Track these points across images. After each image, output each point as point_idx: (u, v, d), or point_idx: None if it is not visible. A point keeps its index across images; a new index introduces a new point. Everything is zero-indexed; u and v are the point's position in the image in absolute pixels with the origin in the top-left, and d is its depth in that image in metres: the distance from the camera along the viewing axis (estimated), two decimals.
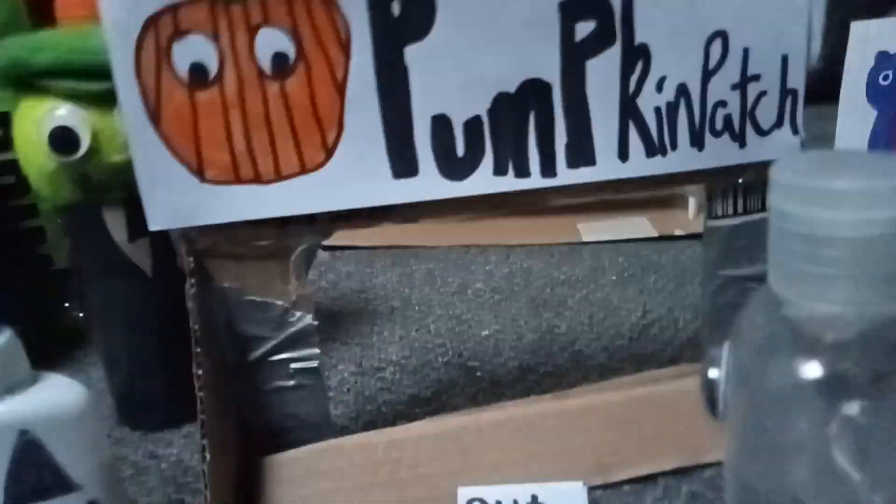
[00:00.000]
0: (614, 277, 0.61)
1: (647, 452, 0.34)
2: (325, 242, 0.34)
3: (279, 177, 0.31)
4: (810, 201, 0.16)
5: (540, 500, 0.31)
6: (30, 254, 0.49)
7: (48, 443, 0.23)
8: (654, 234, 0.70)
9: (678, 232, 0.69)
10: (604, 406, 0.35)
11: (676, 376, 0.37)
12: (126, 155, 0.30)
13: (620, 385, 0.36)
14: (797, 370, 0.16)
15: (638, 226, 0.72)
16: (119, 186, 0.37)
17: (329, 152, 0.31)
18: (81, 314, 0.43)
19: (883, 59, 0.42)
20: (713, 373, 0.18)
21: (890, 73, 0.43)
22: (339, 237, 0.44)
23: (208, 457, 0.31)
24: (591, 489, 0.34)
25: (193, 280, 0.31)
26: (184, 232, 0.31)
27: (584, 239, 0.71)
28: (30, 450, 0.23)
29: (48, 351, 0.27)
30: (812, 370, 0.16)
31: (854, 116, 0.42)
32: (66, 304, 0.49)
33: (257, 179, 0.31)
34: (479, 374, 0.47)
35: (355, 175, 0.31)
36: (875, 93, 0.42)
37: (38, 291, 0.49)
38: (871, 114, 0.42)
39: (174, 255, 0.33)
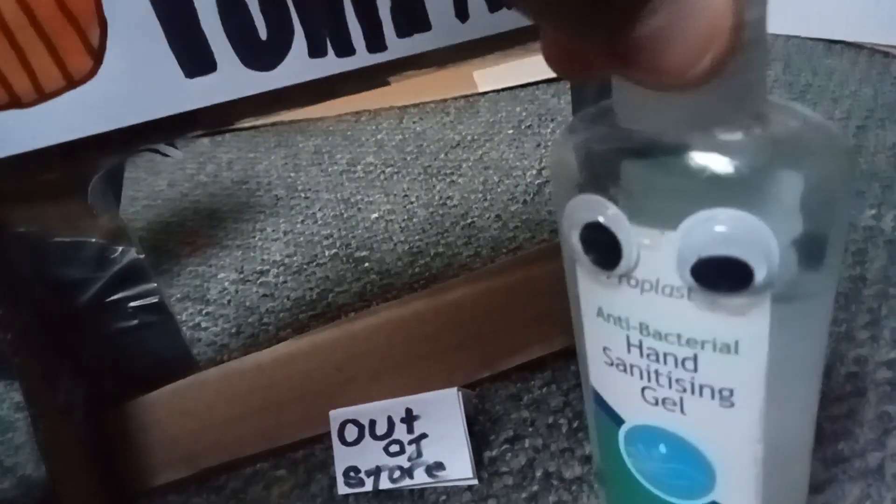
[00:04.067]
0: (511, 131, 0.57)
1: (533, 337, 0.32)
2: (202, 130, 0.28)
3: (43, 96, 0.25)
4: None
5: (415, 412, 0.28)
6: None
7: None
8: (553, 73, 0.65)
9: None
10: (483, 295, 0.33)
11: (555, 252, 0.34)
12: None
13: (499, 270, 0.33)
14: None
15: (536, 66, 0.66)
16: None
17: (97, 57, 0.25)
18: None
19: None
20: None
21: None
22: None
23: (40, 424, 0.27)
24: (478, 384, 0.32)
25: None
26: None
27: (481, 89, 0.66)
28: None
29: None
30: None
31: None
32: None
33: (16, 103, 0.25)
34: (367, 264, 0.43)
35: (138, 80, 0.25)
36: None
37: None
38: None
39: None
